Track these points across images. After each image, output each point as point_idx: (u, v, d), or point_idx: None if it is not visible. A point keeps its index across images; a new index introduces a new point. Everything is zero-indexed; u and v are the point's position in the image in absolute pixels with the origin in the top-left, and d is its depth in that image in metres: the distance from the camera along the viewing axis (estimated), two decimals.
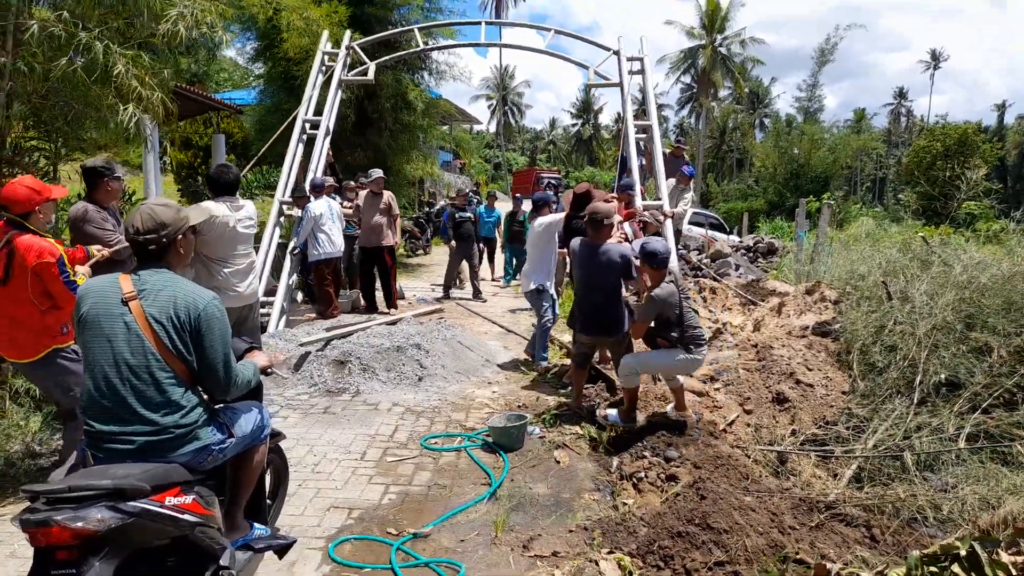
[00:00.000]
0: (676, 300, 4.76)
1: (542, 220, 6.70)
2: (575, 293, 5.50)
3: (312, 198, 8.43)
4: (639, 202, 8.87)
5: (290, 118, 9.96)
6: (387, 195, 9.20)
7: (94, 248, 4.14)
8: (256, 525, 2.89)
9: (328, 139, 9.89)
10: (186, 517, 2.27)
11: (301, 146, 9.73)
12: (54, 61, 5.19)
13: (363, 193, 9.28)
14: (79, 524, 1.97)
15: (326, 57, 10.61)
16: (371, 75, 10.70)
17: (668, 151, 11.44)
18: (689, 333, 4.79)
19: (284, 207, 9.01)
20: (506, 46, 12.72)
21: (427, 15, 14.36)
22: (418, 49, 12.18)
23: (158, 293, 2.43)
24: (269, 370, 2.96)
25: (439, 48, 13.44)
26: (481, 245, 12.39)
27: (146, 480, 2.17)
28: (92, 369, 2.41)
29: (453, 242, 11.25)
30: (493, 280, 13.30)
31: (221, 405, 2.72)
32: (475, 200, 14.32)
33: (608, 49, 11.18)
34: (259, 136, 12.84)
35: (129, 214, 2.53)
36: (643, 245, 4.91)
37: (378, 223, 9.07)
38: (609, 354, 5.94)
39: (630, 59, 10.85)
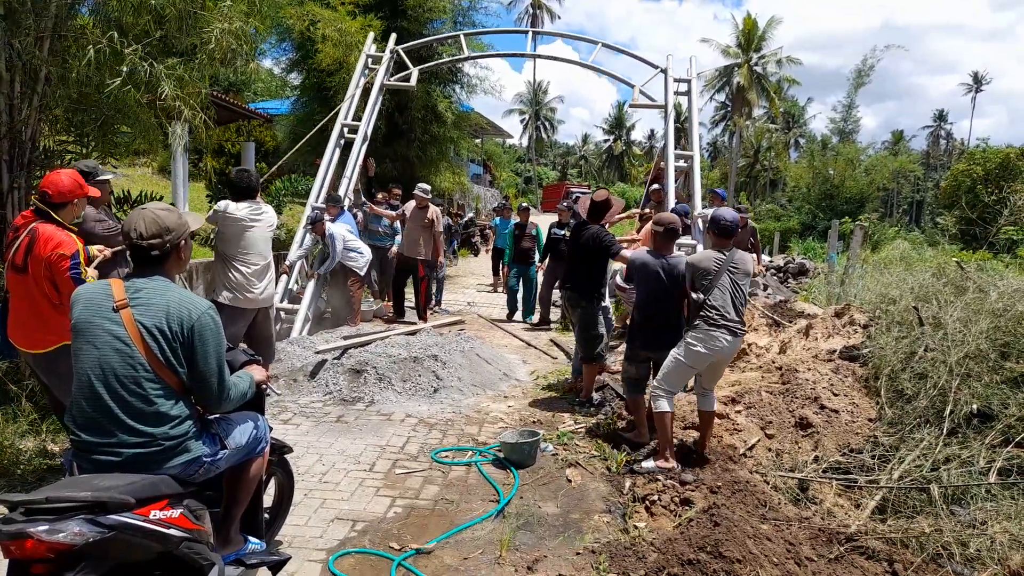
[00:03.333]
0: (713, 269, 4.56)
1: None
2: (640, 308, 5.19)
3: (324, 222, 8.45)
4: (669, 204, 8.68)
5: (320, 124, 9.92)
6: (432, 210, 9.36)
7: (94, 248, 4.10)
8: (251, 539, 2.82)
9: (365, 145, 9.80)
10: (172, 532, 2.18)
11: (338, 151, 9.65)
12: (95, 76, 5.30)
13: (411, 204, 9.42)
14: (55, 537, 1.90)
15: (369, 60, 10.48)
16: (413, 81, 10.55)
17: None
18: (705, 309, 4.52)
19: (315, 212, 8.73)
20: (551, 58, 12.23)
21: (459, 29, 14.40)
22: (463, 57, 11.95)
23: (151, 301, 2.37)
24: (264, 386, 2.89)
25: (484, 57, 13.31)
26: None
27: (130, 492, 2.10)
28: (79, 378, 2.35)
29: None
30: (500, 289, 13.13)
31: (216, 416, 2.65)
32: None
33: (655, 67, 10.65)
34: (291, 146, 13.00)
35: (128, 217, 2.47)
36: (713, 212, 4.90)
37: (419, 236, 9.27)
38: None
39: (677, 80, 10.31)
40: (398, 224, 9.81)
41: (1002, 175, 22.24)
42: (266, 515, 3.17)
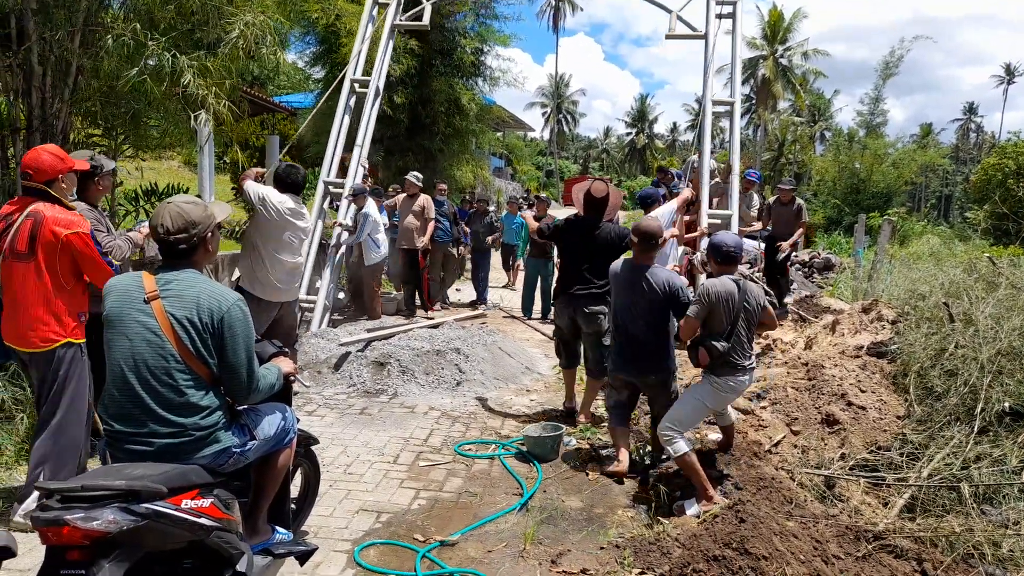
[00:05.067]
0: (733, 304, 4.05)
1: (655, 214, 6.21)
2: (613, 327, 4.75)
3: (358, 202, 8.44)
4: (705, 208, 8.05)
5: (333, 85, 9.12)
6: (422, 198, 9.23)
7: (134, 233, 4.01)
8: (278, 529, 2.85)
9: (378, 101, 9.12)
10: (202, 521, 2.22)
11: (348, 115, 8.79)
12: (123, 68, 5.34)
13: (401, 197, 9.36)
14: (90, 525, 1.94)
15: None
16: (426, 19, 9.56)
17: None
18: (730, 357, 4.08)
19: (330, 188, 8.46)
20: None
21: (481, 21, 14.38)
22: None
23: (181, 293, 2.40)
24: (292, 377, 2.91)
25: None
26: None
27: (163, 481, 2.13)
28: (112, 368, 2.39)
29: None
30: (514, 287, 12.67)
31: (244, 407, 2.68)
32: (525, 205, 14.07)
33: None
34: (315, 138, 13.05)
35: (155, 212, 2.50)
36: (711, 237, 4.41)
37: (412, 225, 9.17)
38: (650, 407, 4.87)
39: (719, 2, 8.81)
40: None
41: None
42: (292, 506, 3.20)
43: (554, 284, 9.37)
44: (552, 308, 8.25)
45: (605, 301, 5.16)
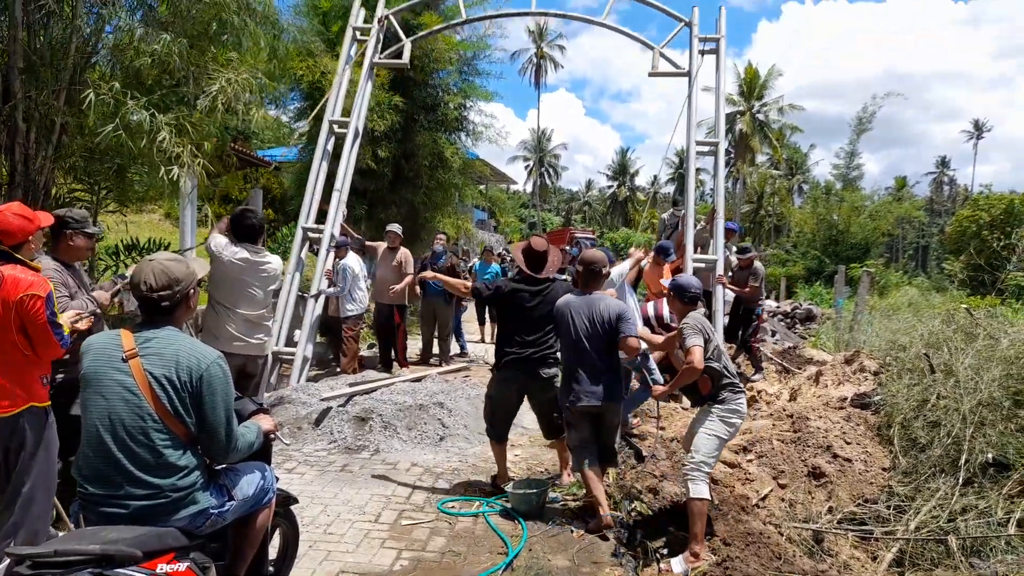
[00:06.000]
0: (711, 329, 4.25)
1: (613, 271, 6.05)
2: (565, 359, 4.65)
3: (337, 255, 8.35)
4: (689, 253, 7.98)
5: (311, 116, 8.95)
6: (402, 252, 9.04)
7: (68, 314, 3.52)
8: None
9: (358, 143, 8.80)
10: None
11: (326, 160, 8.55)
12: (104, 125, 5.34)
13: (381, 247, 9.14)
14: None
15: (357, 33, 9.06)
16: (406, 57, 9.19)
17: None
18: (727, 378, 4.20)
19: (310, 235, 8.24)
20: (559, 15, 10.89)
21: (464, 78, 14.67)
22: (458, 22, 10.61)
23: (161, 351, 2.37)
24: (272, 435, 2.86)
25: (485, 18, 11.54)
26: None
27: (137, 545, 2.08)
28: (87, 429, 2.35)
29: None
30: (488, 340, 12.29)
31: (223, 466, 2.63)
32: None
33: (679, 19, 8.93)
34: (298, 191, 13.12)
35: (136, 269, 2.48)
36: (675, 280, 4.57)
37: (390, 279, 8.92)
38: (598, 435, 4.67)
39: (702, 39, 8.72)
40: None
41: (1007, 221, 22.30)
42: (271, 568, 3.10)
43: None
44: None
45: (558, 365, 4.88)
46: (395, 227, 9.25)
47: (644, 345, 4.73)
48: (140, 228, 12.50)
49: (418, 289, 9.15)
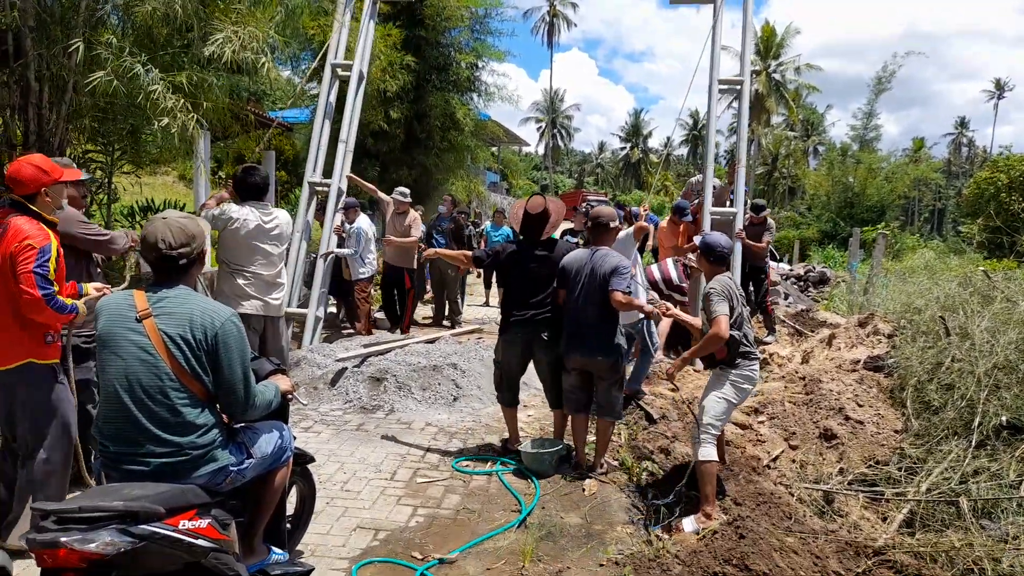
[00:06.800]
0: (737, 296, 4.13)
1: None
2: (567, 308, 4.71)
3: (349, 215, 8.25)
4: (708, 207, 7.70)
5: (311, 67, 8.37)
6: (411, 215, 8.77)
7: (91, 286, 3.48)
8: (274, 550, 2.82)
9: (363, 87, 8.31)
10: (200, 542, 2.19)
11: (330, 110, 8.15)
12: (112, 83, 5.25)
13: (390, 209, 8.81)
14: (88, 547, 1.91)
15: None
16: None
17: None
18: (744, 345, 4.15)
19: (316, 189, 8.02)
20: None
21: (476, 38, 14.45)
22: None
23: (174, 311, 2.37)
24: (290, 396, 2.88)
25: None
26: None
27: (160, 502, 2.11)
28: (106, 388, 2.37)
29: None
30: (494, 303, 12.35)
31: (241, 425, 2.66)
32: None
33: None
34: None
35: (149, 227, 2.45)
36: (703, 237, 4.51)
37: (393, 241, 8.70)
38: (596, 394, 4.79)
39: None
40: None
41: None
42: (288, 525, 3.16)
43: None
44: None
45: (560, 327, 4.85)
46: (401, 191, 8.88)
47: (649, 307, 4.67)
48: (154, 190, 12.53)
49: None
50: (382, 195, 8.79)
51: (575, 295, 4.62)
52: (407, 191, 8.89)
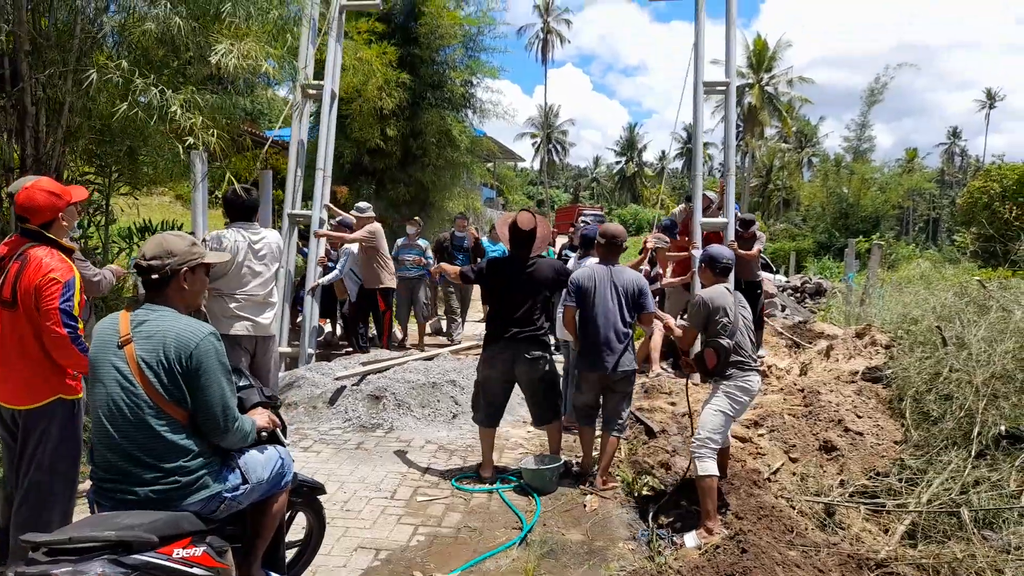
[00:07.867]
0: (730, 309, 4.15)
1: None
2: (586, 325, 4.74)
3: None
4: (698, 219, 7.65)
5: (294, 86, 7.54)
6: (371, 226, 8.28)
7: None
8: (272, 575, 2.79)
9: (335, 105, 7.88)
10: (195, 571, 2.14)
11: (303, 133, 7.71)
12: (111, 106, 5.29)
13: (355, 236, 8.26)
14: None
15: None
16: None
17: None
18: (736, 355, 4.12)
19: (298, 221, 7.73)
20: None
21: (470, 55, 14.55)
22: None
23: (151, 334, 2.32)
24: (264, 433, 2.71)
25: None
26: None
27: (153, 530, 2.07)
28: (93, 416, 2.35)
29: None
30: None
31: (237, 449, 2.57)
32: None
33: None
34: (307, 173, 13.09)
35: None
36: (707, 250, 4.49)
37: (370, 262, 8.38)
38: (603, 408, 4.88)
39: None
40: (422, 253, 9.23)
41: (1020, 191, 22.03)
42: (292, 550, 3.12)
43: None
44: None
45: (545, 345, 4.86)
46: (359, 206, 8.49)
47: (679, 330, 4.70)
48: (151, 211, 12.53)
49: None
50: (349, 215, 8.48)
51: (593, 312, 4.72)
52: (365, 205, 8.57)
